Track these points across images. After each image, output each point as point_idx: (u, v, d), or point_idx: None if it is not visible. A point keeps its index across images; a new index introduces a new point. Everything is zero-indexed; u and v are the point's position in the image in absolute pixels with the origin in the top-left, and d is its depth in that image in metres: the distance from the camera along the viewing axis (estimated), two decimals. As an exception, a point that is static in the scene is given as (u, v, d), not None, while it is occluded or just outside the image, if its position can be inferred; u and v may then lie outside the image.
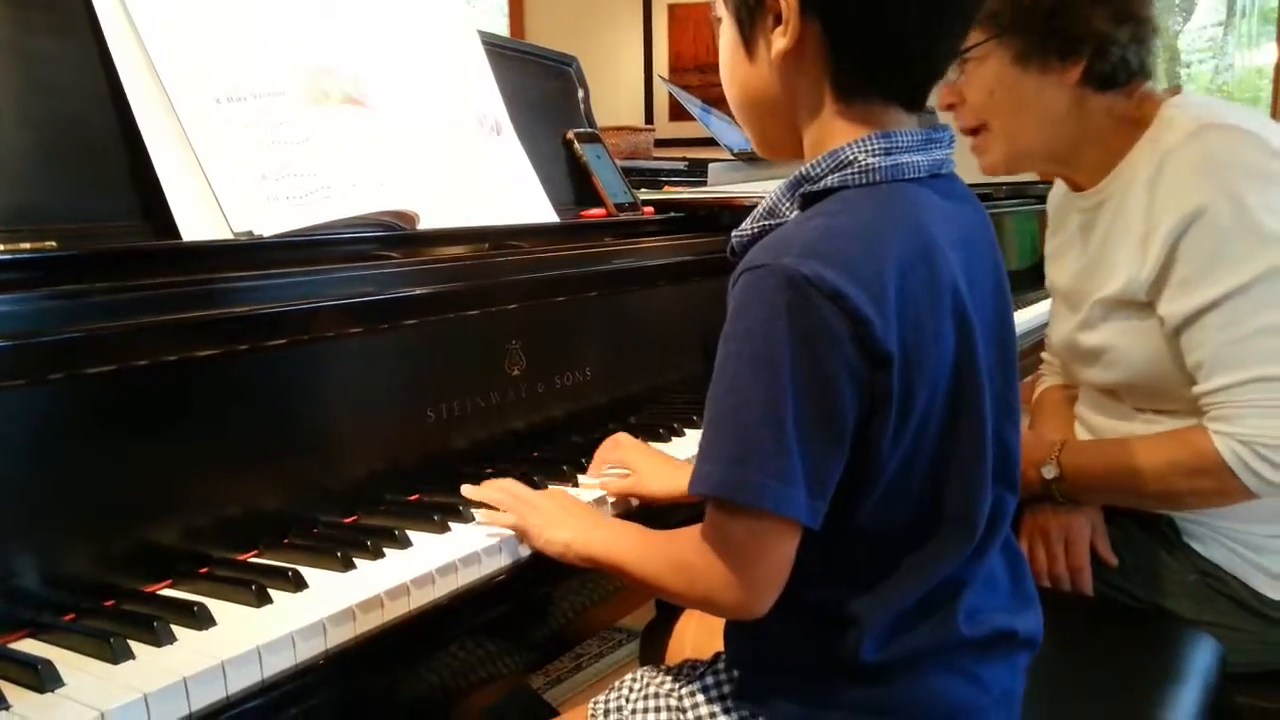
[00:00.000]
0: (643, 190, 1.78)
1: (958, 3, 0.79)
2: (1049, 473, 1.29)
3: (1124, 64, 1.23)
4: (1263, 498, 1.15)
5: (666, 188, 1.99)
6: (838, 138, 0.80)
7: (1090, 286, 1.30)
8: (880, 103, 0.81)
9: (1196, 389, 1.17)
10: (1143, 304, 1.22)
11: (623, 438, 1.16)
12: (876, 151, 0.78)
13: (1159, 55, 1.31)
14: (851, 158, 0.78)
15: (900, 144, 0.79)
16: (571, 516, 0.96)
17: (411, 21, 1.34)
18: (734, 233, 0.84)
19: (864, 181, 0.78)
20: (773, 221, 0.82)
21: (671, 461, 1.15)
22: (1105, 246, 1.29)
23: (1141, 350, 1.24)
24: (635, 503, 1.10)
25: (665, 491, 1.09)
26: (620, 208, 1.55)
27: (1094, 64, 1.22)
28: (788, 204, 0.82)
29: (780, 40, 0.79)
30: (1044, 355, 1.59)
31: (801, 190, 0.81)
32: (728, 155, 2.28)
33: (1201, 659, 1.18)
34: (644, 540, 0.88)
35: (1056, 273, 1.42)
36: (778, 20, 0.79)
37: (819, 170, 0.80)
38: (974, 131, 1.30)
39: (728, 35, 0.85)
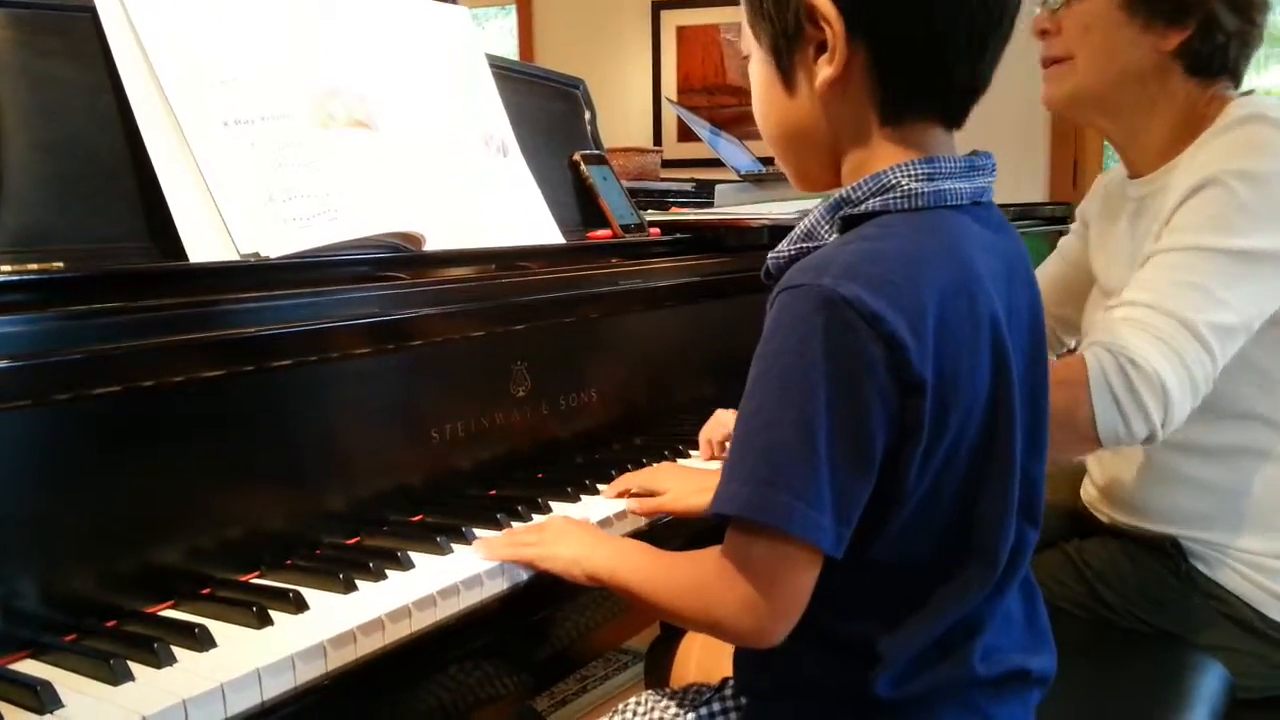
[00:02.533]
0: (649, 212, 1.79)
1: (1001, 18, 0.78)
2: None
3: (1221, 54, 1.23)
4: (1103, 447, 1.09)
5: (673, 209, 1.99)
6: (880, 161, 0.79)
7: (1128, 277, 1.29)
8: (924, 122, 0.80)
9: (1111, 304, 1.15)
10: None
11: (635, 475, 1.16)
12: (920, 176, 0.77)
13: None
14: (894, 182, 0.77)
15: (944, 169, 0.78)
16: (578, 534, 0.95)
17: (419, 44, 1.35)
18: (770, 254, 0.83)
19: (906, 206, 0.77)
20: (810, 244, 0.81)
21: (701, 474, 1.14)
22: (1149, 237, 1.26)
23: None
24: (645, 525, 1.10)
25: (705, 503, 1.08)
26: (626, 229, 1.56)
27: (1194, 40, 1.22)
28: (826, 226, 0.81)
29: (826, 69, 0.78)
30: None
31: (842, 213, 0.80)
32: (735, 177, 2.28)
33: (1209, 685, 1.16)
34: (654, 560, 0.87)
35: (1099, 264, 1.41)
36: (820, 49, 0.78)
37: (860, 193, 0.79)
38: (1054, 61, 1.30)
39: (762, 71, 0.84)
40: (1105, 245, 1.41)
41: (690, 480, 1.11)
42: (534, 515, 1.06)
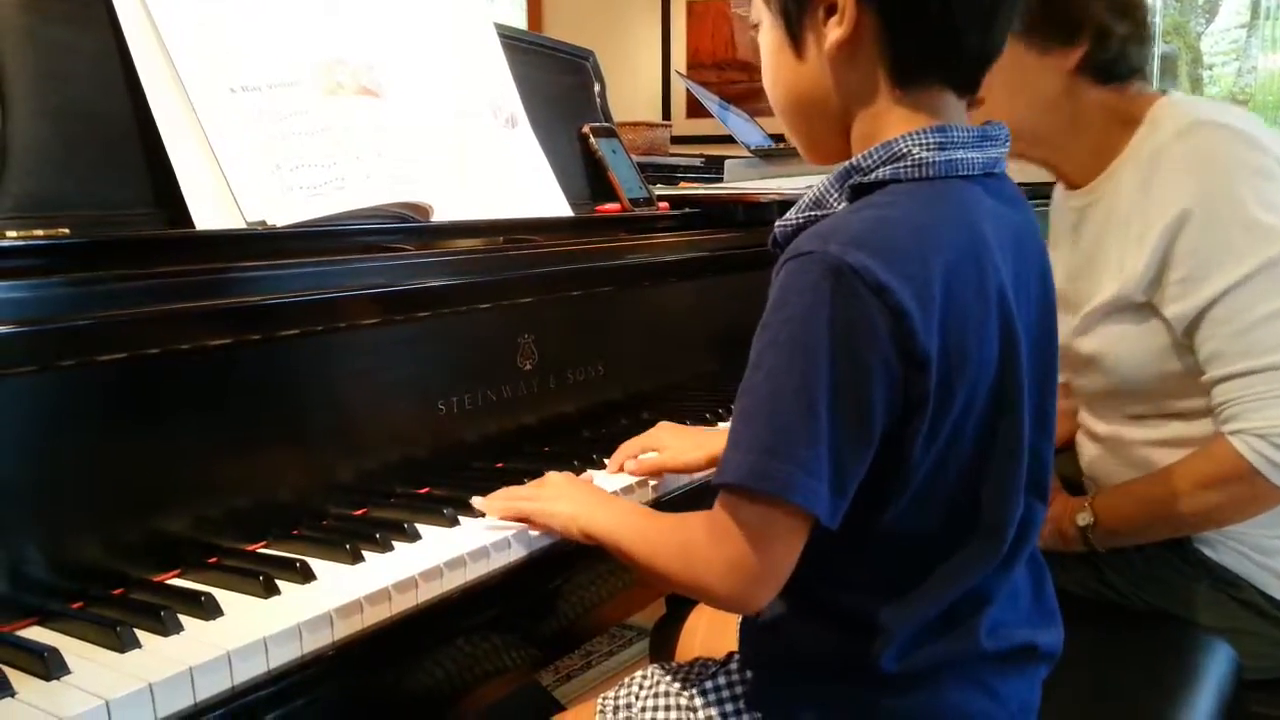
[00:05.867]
0: (658, 186, 1.78)
1: None
2: (1083, 519, 1.27)
3: (1122, 58, 1.24)
4: None
5: (682, 184, 1.98)
6: (892, 129, 0.78)
7: (1082, 289, 1.29)
8: (936, 88, 0.79)
9: (1206, 380, 1.16)
10: (1140, 305, 1.21)
11: (635, 439, 1.15)
12: (931, 145, 0.76)
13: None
14: (905, 150, 0.77)
15: (955, 139, 0.77)
16: (577, 492, 0.95)
17: (427, 13, 1.33)
18: (778, 223, 0.83)
19: (916, 175, 0.77)
20: (819, 212, 0.80)
21: (698, 432, 1.14)
22: (1098, 247, 1.28)
23: (1138, 354, 1.24)
24: (653, 492, 1.10)
25: (701, 459, 1.08)
26: (635, 203, 1.55)
27: (1093, 53, 1.23)
28: (835, 195, 0.80)
29: (836, 31, 0.77)
30: None
31: (851, 181, 0.79)
32: (744, 152, 2.26)
33: (1217, 666, 1.16)
34: (649, 520, 0.87)
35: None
36: (829, 12, 0.78)
37: (870, 161, 0.78)
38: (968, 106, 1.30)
39: (771, 36, 0.83)
40: (1054, 262, 1.41)
41: (687, 438, 1.11)
42: (541, 488, 1.05)
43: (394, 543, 0.91)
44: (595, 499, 0.94)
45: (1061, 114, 1.26)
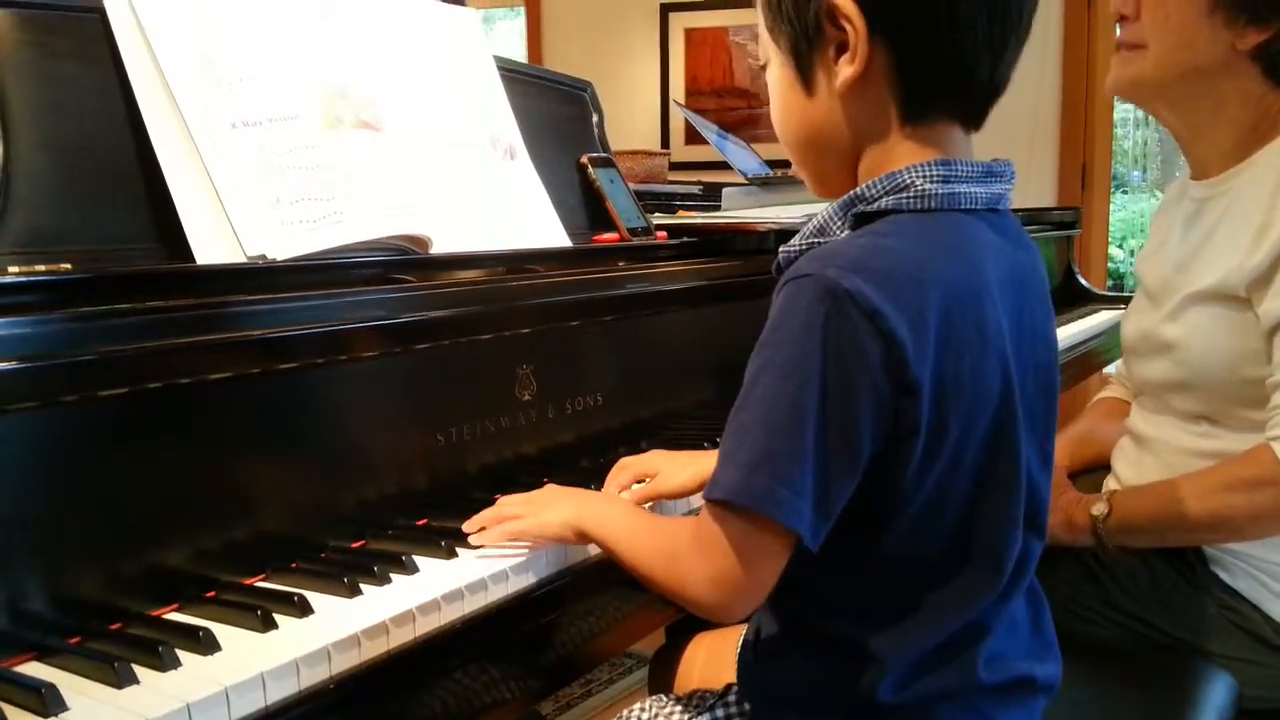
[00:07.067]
0: (657, 215, 1.79)
1: (1021, 16, 0.78)
2: (1098, 510, 1.25)
3: None
4: None
5: (680, 212, 1.99)
6: (897, 161, 0.79)
7: (1183, 280, 1.27)
8: (944, 122, 0.80)
9: (1270, 383, 1.14)
10: (1237, 299, 1.19)
11: (627, 460, 1.15)
12: (934, 178, 0.77)
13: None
14: (908, 181, 0.78)
15: (959, 173, 0.78)
16: (566, 497, 0.95)
17: (426, 46, 1.34)
18: (782, 248, 0.84)
19: (918, 207, 0.78)
20: (822, 240, 0.82)
21: (686, 455, 1.15)
22: (1210, 239, 1.26)
23: (1218, 347, 1.21)
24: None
25: (691, 481, 1.08)
26: (634, 232, 1.55)
27: (1273, 42, 1.19)
28: (839, 223, 0.81)
29: (847, 69, 0.78)
30: (1119, 366, 1.58)
31: (854, 210, 0.80)
32: (742, 180, 2.27)
33: (1217, 695, 1.16)
34: (638, 520, 0.88)
35: (1148, 268, 1.40)
36: (840, 50, 0.79)
37: (874, 191, 0.79)
38: (1129, 47, 1.28)
39: (781, 75, 0.84)
40: (1153, 252, 1.40)
41: (678, 461, 1.12)
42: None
43: (391, 575, 0.91)
44: (585, 497, 0.95)
45: (1208, 89, 1.24)
